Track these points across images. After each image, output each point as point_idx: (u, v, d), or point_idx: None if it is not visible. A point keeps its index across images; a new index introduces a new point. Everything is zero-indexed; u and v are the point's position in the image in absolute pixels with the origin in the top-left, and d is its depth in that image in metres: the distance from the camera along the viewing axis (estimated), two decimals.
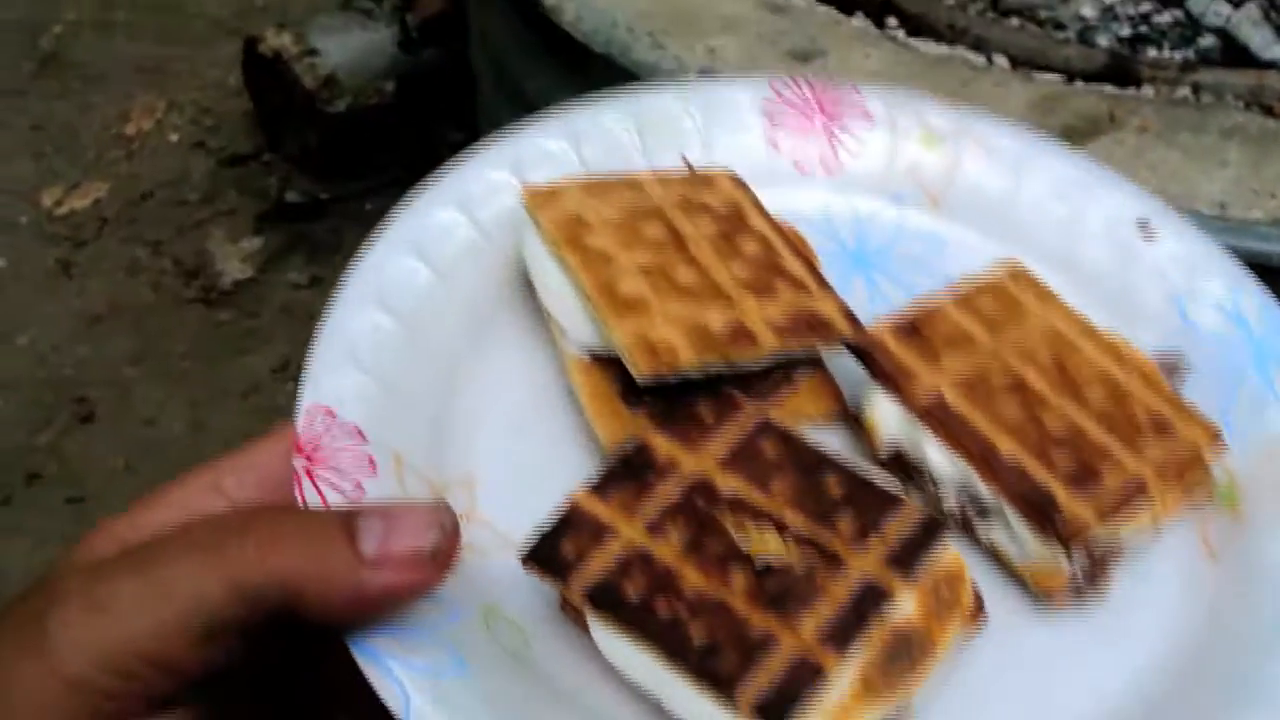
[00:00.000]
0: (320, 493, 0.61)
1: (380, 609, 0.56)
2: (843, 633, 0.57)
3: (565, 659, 0.61)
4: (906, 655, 0.58)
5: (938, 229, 0.77)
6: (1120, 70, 1.33)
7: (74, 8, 2.63)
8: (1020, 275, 0.71)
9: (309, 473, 0.62)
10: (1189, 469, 0.65)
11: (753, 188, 0.74)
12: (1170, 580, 0.66)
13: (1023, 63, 1.34)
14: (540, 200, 0.69)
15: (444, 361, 0.69)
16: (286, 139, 2.28)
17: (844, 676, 0.57)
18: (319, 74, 2.15)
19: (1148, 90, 1.32)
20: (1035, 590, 0.64)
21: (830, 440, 0.67)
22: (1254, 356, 0.71)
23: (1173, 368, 0.71)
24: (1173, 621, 0.64)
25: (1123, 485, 0.63)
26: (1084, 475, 0.63)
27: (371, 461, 0.63)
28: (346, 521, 0.55)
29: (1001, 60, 1.34)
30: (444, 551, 0.56)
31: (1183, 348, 0.72)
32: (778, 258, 0.70)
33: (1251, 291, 0.73)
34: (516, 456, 0.67)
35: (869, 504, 0.61)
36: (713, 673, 0.56)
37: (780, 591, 0.58)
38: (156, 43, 2.56)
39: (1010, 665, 0.63)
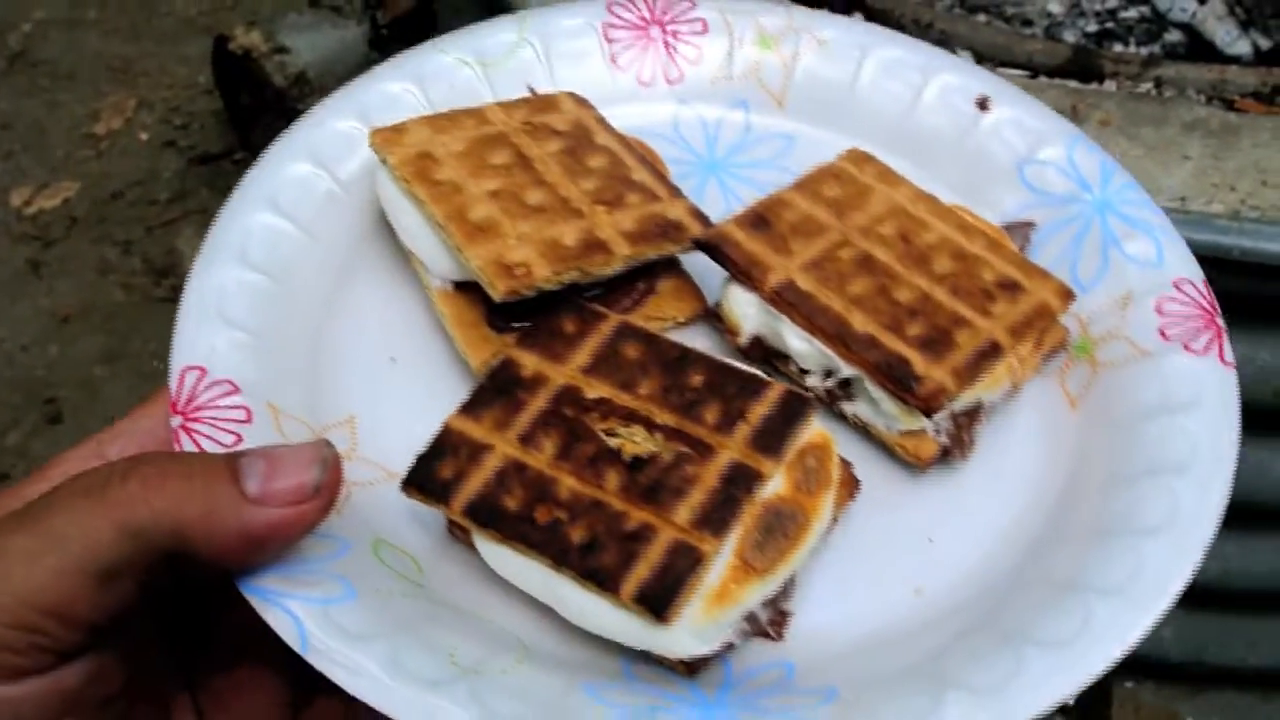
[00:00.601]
0: (199, 447, 0.62)
1: (268, 546, 0.57)
2: (716, 516, 0.59)
3: (457, 580, 0.63)
4: (782, 530, 0.60)
5: (784, 127, 0.79)
6: (1083, 65, 1.34)
7: (43, 6, 2.58)
8: (862, 159, 0.73)
9: (186, 429, 0.63)
10: (1041, 325, 0.68)
11: (599, 107, 0.76)
12: (1035, 432, 0.68)
13: (987, 58, 1.35)
14: (387, 140, 0.70)
15: (311, 310, 0.70)
16: (257, 137, 2.24)
17: (722, 558, 0.59)
18: (289, 72, 2.12)
19: (1110, 85, 1.33)
20: (905, 458, 0.66)
21: (696, 340, 0.69)
22: (1096, 212, 0.73)
23: (1020, 232, 0.73)
24: (1040, 469, 0.67)
25: (976, 347, 0.65)
26: (938, 341, 0.65)
27: (248, 412, 0.64)
28: (229, 462, 0.56)
29: (966, 55, 1.35)
30: (327, 485, 0.57)
31: (1027, 212, 0.74)
32: (626, 170, 0.71)
33: (1088, 151, 0.75)
34: (393, 393, 0.69)
35: (732, 390, 0.62)
36: (595, 570, 0.58)
37: (653, 484, 0.60)
38: (126, 41, 2.52)
39: (888, 530, 0.65)
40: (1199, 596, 1.59)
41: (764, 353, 0.69)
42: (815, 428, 0.63)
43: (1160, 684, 1.69)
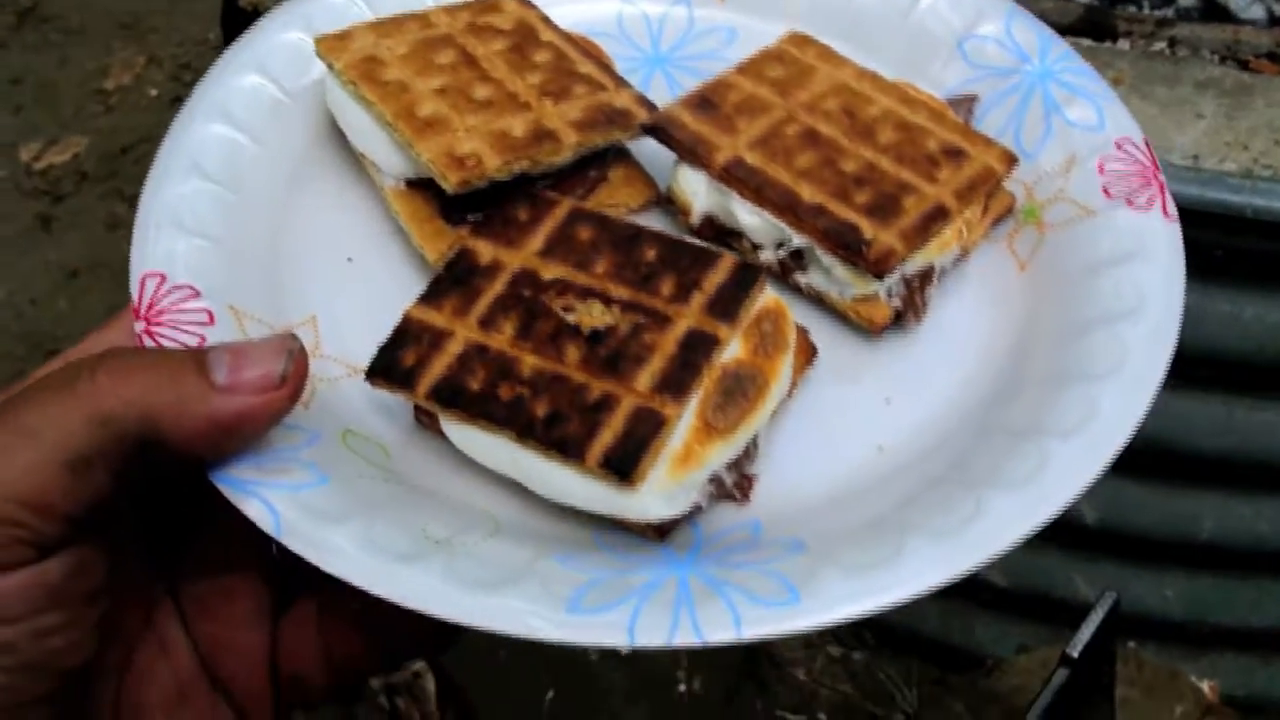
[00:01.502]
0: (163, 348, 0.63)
1: (237, 434, 0.58)
2: (676, 380, 0.60)
3: (426, 465, 0.64)
4: (741, 392, 0.61)
5: (727, 19, 0.80)
6: (1097, 24, 1.34)
7: None
8: (803, 41, 0.74)
9: (149, 333, 0.63)
10: (986, 189, 0.69)
11: (543, 7, 0.76)
12: (986, 294, 0.70)
13: None
14: (333, 46, 0.71)
15: (267, 216, 0.71)
16: None
17: (684, 421, 0.60)
18: None
19: (1124, 44, 1.33)
20: (861, 324, 0.67)
21: (649, 225, 0.70)
22: (1037, 81, 0.74)
23: (963, 106, 0.74)
24: (992, 328, 0.68)
25: (923, 211, 0.66)
26: (885, 207, 0.66)
27: (210, 315, 0.65)
28: (196, 355, 0.57)
29: None
30: (294, 375, 0.58)
31: (969, 86, 0.75)
32: (571, 64, 0.72)
33: (1026, 25, 0.76)
34: (353, 291, 0.69)
35: (685, 263, 0.64)
36: (560, 440, 0.59)
37: (612, 355, 0.61)
38: None
39: (847, 393, 0.66)
40: (1203, 558, 1.59)
41: (716, 231, 0.70)
42: (769, 294, 0.64)
43: (1163, 645, 1.69)
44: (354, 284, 0.70)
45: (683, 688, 1.83)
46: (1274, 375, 1.36)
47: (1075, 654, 1.02)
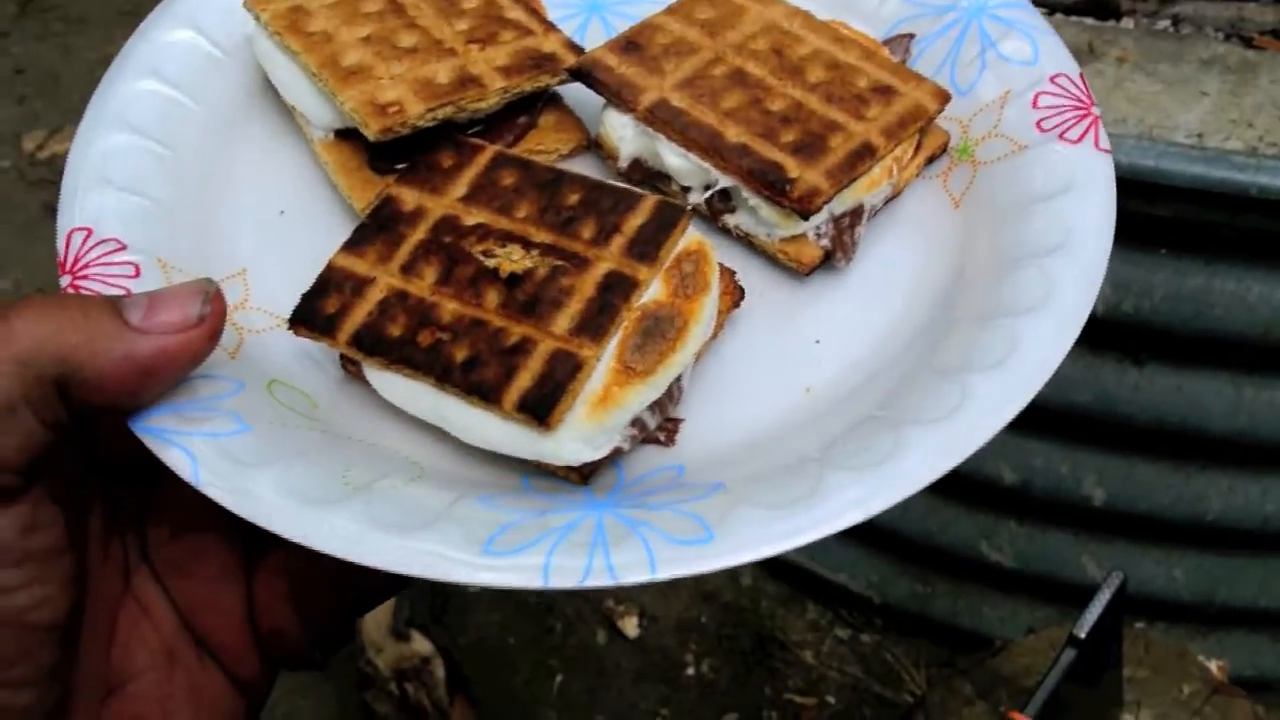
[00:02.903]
0: None
1: (156, 374, 0.58)
2: (594, 323, 0.60)
3: (353, 414, 0.64)
4: (660, 334, 0.61)
5: None
6: (1100, 3, 1.32)
7: None
8: None
9: (74, 286, 0.63)
10: (917, 126, 0.68)
11: None
12: (918, 233, 0.69)
13: None
14: None
15: (198, 170, 0.70)
16: None
17: (603, 363, 0.59)
18: None
19: (1128, 22, 1.32)
20: (790, 265, 0.67)
21: (579, 170, 0.70)
22: (971, 16, 0.74)
23: (900, 44, 0.74)
24: (924, 267, 0.67)
25: (850, 149, 0.66)
26: (811, 146, 0.66)
27: (136, 268, 0.65)
28: (112, 300, 0.57)
29: None
30: (211, 315, 0.58)
31: (905, 24, 0.74)
32: (500, 10, 0.72)
33: None
34: (283, 243, 0.69)
35: (607, 205, 0.63)
36: (478, 384, 0.59)
37: (530, 299, 0.60)
38: None
39: (776, 335, 0.66)
40: (1211, 537, 1.59)
41: (644, 174, 0.69)
42: (693, 235, 0.63)
43: (1172, 624, 1.70)
44: (285, 236, 0.70)
45: (691, 671, 1.83)
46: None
47: (1082, 634, 1.01)
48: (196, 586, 0.65)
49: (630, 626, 1.86)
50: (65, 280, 0.64)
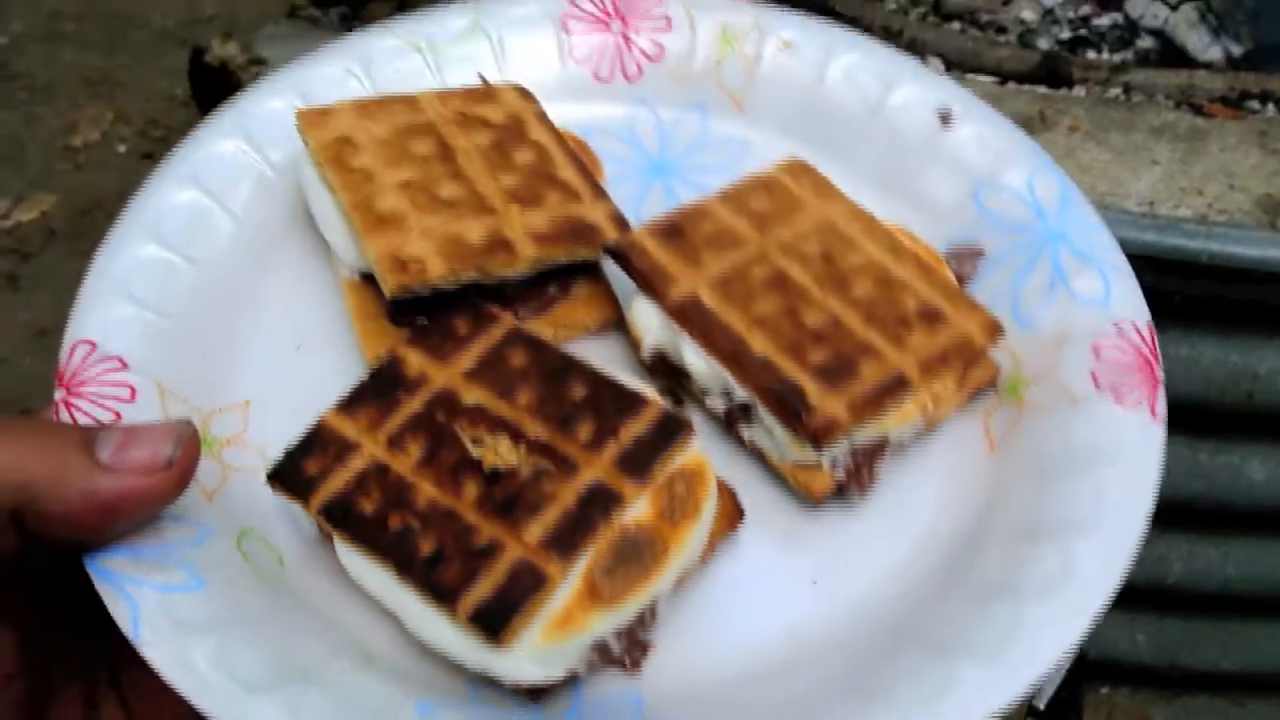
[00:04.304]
0: (75, 421, 0.61)
1: (118, 515, 0.56)
2: (567, 537, 0.56)
3: (319, 580, 0.61)
4: (636, 559, 0.57)
5: (740, 131, 0.76)
6: (1053, 71, 1.36)
7: (19, 18, 2.60)
8: (800, 170, 0.69)
9: (66, 403, 0.62)
10: (962, 360, 0.64)
11: (550, 101, 0.73)
12: (947, 474, 0.64)
13: (956, 64, 1.36)
14: (312, 122, 0.69)
15: (224, 293, 0.69)
16: None
17: (569, 582, 0.56)
18: None
19: (1079, 91, 1.35)
20: (798, 489, 0.63)
21: (607, 350, 0.67)
22: (1047, 243, 0.69)
23: (968, 260, 0.69)
24: (944, 515, 0.63)
25: (880, 380, 0.62)
26: (839, 369, 0.61)
27: (132, 390, 0.63)
28: (84, 433, 0.56)
29: (937, 63, 1.36)
30: (182, 460, 0.57)
31: (978, 237, 0.70)
32: (552, 167, 0.69)
33: (1051, 179, 0.71)
34: (293, 381, 0.67)
35: (609, 406, 0.60)
36: (436, 583, 0.56)
37: (508, 499, 0.57)
38: (103, 54, 2.53)
39: (772, 566, 0.62)
40: (1172, 601, 1.57)
41: (666, 368, 0.66)
42: (693, 453, 0.60)
43: (1135, 689, 1.70)
44: (295, 373, 0.67)
45: None
46: (1236, 418, 1.37)
47: (1042, 706, 1.00)
48: (165, 717, 0.63)
49: None
50: (59, 394, 0.62)
